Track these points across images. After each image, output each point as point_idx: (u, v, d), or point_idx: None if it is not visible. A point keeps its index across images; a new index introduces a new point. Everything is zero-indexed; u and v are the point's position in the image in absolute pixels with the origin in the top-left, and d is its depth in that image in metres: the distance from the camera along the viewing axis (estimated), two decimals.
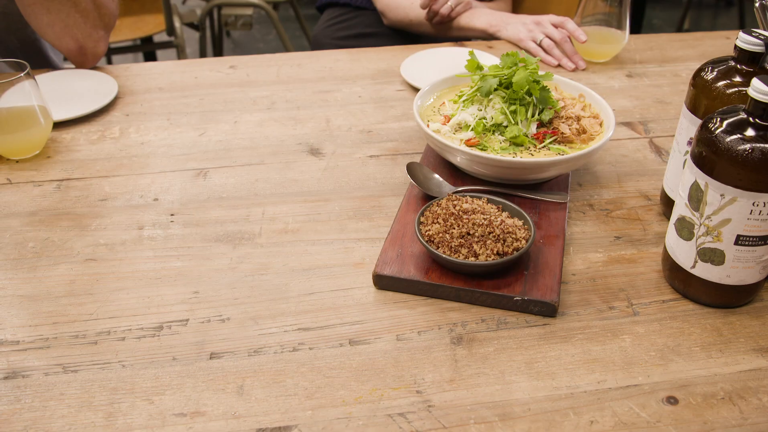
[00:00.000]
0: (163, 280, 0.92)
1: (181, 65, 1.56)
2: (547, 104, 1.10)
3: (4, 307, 0.88)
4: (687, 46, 1.65)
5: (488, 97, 1.11)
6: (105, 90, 1.39)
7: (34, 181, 1.13)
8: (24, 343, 0.83)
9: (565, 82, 1.20)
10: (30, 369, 0.79)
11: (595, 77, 1.50)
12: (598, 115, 1.14)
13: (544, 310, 0.86)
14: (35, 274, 0.93)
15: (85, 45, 1.43)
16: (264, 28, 4.58)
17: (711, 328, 0.85)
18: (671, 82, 1.47)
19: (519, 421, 0.74)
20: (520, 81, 1.08)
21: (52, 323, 0.86)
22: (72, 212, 1.05)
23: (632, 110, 1.36)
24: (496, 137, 1.08)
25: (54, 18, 1.36)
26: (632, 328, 0.85)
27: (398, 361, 0.80)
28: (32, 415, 0.74)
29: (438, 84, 1.22)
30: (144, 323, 0.85)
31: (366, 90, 1.43)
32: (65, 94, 1.37)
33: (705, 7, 5.08)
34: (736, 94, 0.90)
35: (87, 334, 0.84)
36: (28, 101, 1.16)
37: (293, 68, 1.53)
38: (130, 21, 2.87)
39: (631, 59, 1.58)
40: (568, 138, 1.09)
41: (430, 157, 1.15)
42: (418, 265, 0.91)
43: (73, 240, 1.00)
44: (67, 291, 0.91)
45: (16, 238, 1.00)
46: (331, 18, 2.02)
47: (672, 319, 0.87)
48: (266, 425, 0.73)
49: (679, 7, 4.42)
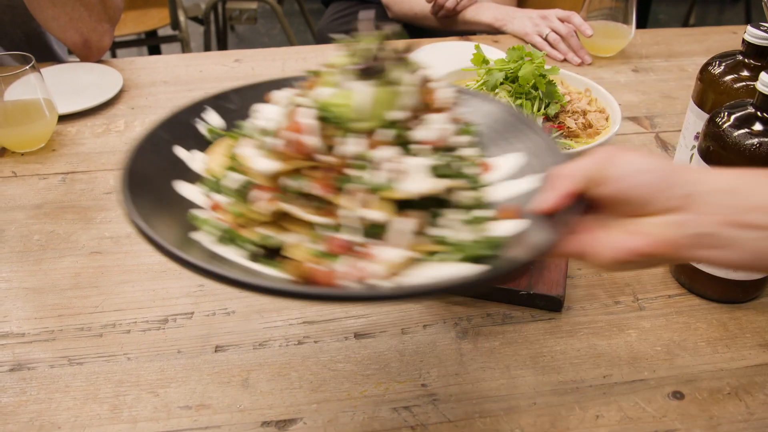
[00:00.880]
0: (168, 273, 0.92)
1: (186, 59, 1.56)
2: (553, 98, 1.10)
3: (9, 299, 0.88)
4: (693, 41, 1.64)
5: (494, 91, 1.11)
6: (110, 83, 1.38)
7: (39, 174, 1.13)
8: (29, 336, 0.83)
9: (571, 77, 1.20)
10: (35, 361, 0.80)
11: (601, 72, 1.50)
12: (604, 109, 1.13)
13: (550, 304, 0.86)
14: (40, 266, 0.94)
15: (89, 38, 1.42)
16: (268, 22, 4.58)
17: (717, 323, 0.85)
18: (678, 77, 1.47)
19: (524, 415, 0.73)
20: (527, 75, 1.07)
21: (57, 316, 0.86)
22: (77, 205, 1.06)
23: (638, 105, 1.36)
24: None
25: (59, 11, 1.36)
26: (638, 323, 0.85)
27: (403, 354, 0.80)
28: (38, 407, 0.74)
29: (443, 78, 1.21)
30: (149, 316, 0.85)
31: None
32: (70, 88, 1.37)
33: (711, 2, 5.06)
34: (743, 88, 0.90)
35: (92, 326, 0.84)
36: (34, 94, 1.16)
37: (298, 62, 1.53)
38: (135, 15, 2.87)
39: (637, 54, 1.58)
40: (574, 132, 1.08)
41: None
42: None
43: (78, 233, 1.00)
44: (72, 284, 0.91)
45: (21, 231, 1.00)
46: (337, 12, 2.02)
47: (678, 314, 0.86)
48: (271, 418, 0.73)
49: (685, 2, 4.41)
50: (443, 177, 0.58)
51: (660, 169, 0.54)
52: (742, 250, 0.52)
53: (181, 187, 0.64)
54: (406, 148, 0.58)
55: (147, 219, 0.55)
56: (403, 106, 0.59)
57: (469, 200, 0.60)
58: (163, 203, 0.61)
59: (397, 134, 0.58)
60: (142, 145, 0.64)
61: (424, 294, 0.52)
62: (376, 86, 0.59)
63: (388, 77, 0.59)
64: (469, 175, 0.61)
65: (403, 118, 0.58)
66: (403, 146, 0.58)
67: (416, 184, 0.56)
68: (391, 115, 0.58)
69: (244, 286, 0.51)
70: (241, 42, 4.36)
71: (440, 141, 0.59)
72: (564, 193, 0.56)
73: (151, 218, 0.56)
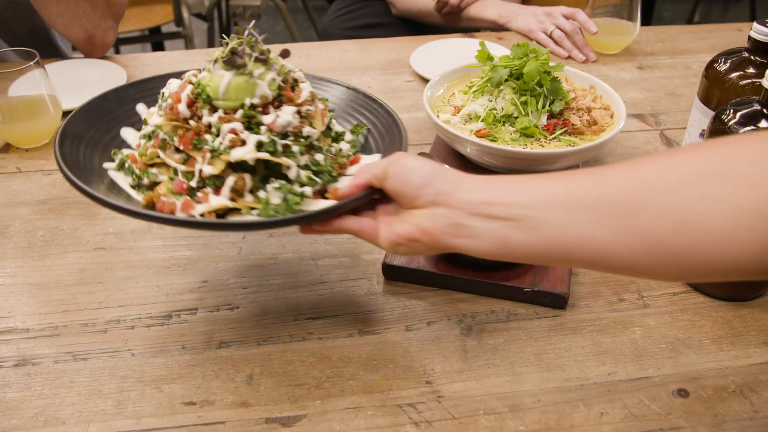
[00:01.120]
0: (173, 269, 0.92)
1: (191, 55, 1.56)
2: (557, 95, 1.10)
3: (14, 295, 0.88)
4: (698, 38, 1.64)
5: (499, 88, 1.11)
6: (114, 79, 1.38)
7: (43, 170, 1.13)
8: (34, 331, 0.83)
9: (576, 74, 1.20)
10: (40, 357, 0.80)
11: (606, 69, 1.49)
12: (609, 106, 1.13)
13: (554, 301, 0.86)
14: (45, 262, 0.94)
15: (94, 34, 1.42)
16: (272, 19, 4.57)
17: (722, 321, 0.85)
18: (682, 74, 1.46)
19: (529, 412, 0.73)
20: (531, 72, 1.07)
21: (61, 311, 0.86)
22: (81, 201, 1.05)
23: (643, 102, 1.35)
24: (506, 128, 1.08)
25: (63, 7, 1.36)
26: (643, 320, 0.85)
27: (408, 351, 0.80)
28: (42, 402, 0.74)
29: (448, 74, 1.21)
30: (153, 312, 0.85)
31: (375, 80, 1.43)
32: (74, 83, 1.37)
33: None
34: (749, 85, 0.90)
35: (97, 322, 0.84)
36: (38, 90, 1.16)
37: (302, 58, 1.52)
38: (139, 11, 2.87)
39: (642, 51, 1.57)
40: (578, 129, 1.08)
41: (440, 148, 1.15)
42: (428, 256, 0.90)
43: (82, 228, 1.00)
44: (76, 279, 0.91)
45: (25, 227, 1.00)
46: (341, 8, 2.02)
47: (683, 311, 0.86)
48: (276, 414, 0.73)
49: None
50: (268, 152, 0.74)
51: (426, 170, 0.66)
52: (484, 238, 0.62)
53: (125, 132, 0.88)
54: (253, 127, 0.76)
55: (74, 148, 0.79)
56: (256, 95, 0.76)
57: (299, 177, 0.76)
58: (103, 141, 0.85)
59: (245, 114, 0.76)
60: (118, 92, 0.91)
61: (207, 226, 0.75)
62: (236, 76, 0.76)
63: (247, 71, 0.77)
64: (317, 161, 0.79)
65: (256, 103, 0.76)
66: (251, 125, 0.76)
67: (239, 153, 0.74)
68: (246, 100, 0.76)
69: (98, 201, 0.69)
70: None
71: (276, 126, 0.76)
72: (358, 184, 0.70)
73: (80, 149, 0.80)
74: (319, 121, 0.82)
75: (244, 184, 0.75)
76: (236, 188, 0.75)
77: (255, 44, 0.79)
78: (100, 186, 0.76)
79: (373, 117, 0.91)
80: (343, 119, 0.93)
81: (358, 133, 0.90)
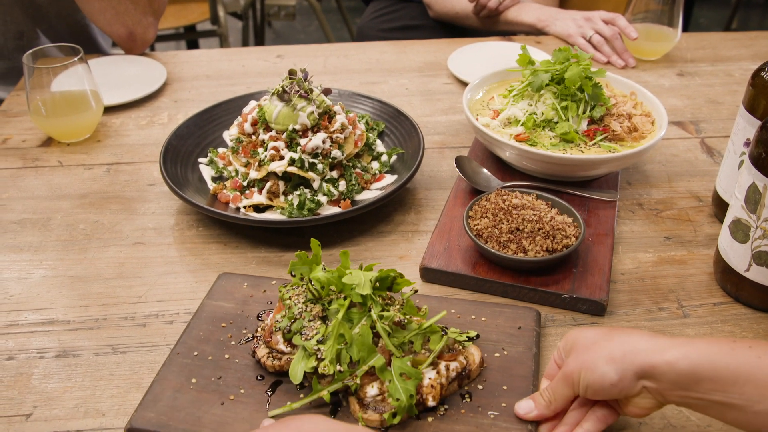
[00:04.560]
0: (211, 266, 0.93)
1: (228, 53, 1.57)
2: (599, 101, 1.09)
3: (55, 287, 0.89)
4: (740, 45, 1.61)
5: (539, 92, 1.10)
6: (154, 76, 1.40)
7: (84, 165, 1.14)
8: (75, 323, 0.84)
9: (616, 79, 1.19)
10: (81, 349, 0.81)
11: (645, 75, 1.48)
12: (650, 113, 1.12)
13: (593, 308, 0.85)
14: (86, 255, 0.95)
15: (135, 31, 1.44)
16: (305, 19, 4.59)
17: (764, 333, 0.83)
18: (724, 82, 1.44)
19: None
20: (573, 77, 1.06)
21: (102, 304, 0.87)
22: (121, 196, 1.07)
23: (683, 109, 1.34)
24: (546, 133, 1.07)
25: (106, 4, 1.38)
26: (682, 330, 0.84)
27: None
28: (83, 394, 0.75)
29: (487, 78, 1.21)
30: (192, 308, 0.86)
31: (413, 82, 1.43)
32: (115, 79, 1.39)
33: (753, 6, 4.97)
34: None
35: (136, 316, 0.85)
36: (81, 86, 1.17)
37: (340, 59, 1.53)
38: (175, 9, 2.89)
39: (682, 58, 1.55)
40: (619, 135, 1.07)
41: (478, 152, 1.14)
42: (466, 260, 0.90)
43: (122, 223, 1.01)
44: (116, 273, 0.92)
45: (67, 220, 1.01)
46: (377, 9, 2.02)
47: (723, 322, 0.85)
48: None
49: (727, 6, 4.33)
50: (297, 167, 0.98)
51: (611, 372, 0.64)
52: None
53: (225, 134, 1.15)
54: (293, 146, 0.99)
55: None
56: (298, 122, 1.00)
57: (322, 188, 0.99)
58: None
59: (288, 136, 1.00)
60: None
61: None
62: (285, 107, 1.00)
63: (292, 104, 1.00)
64: (349, 176, 1.03)
65: (298, 128, 1.00)
66: (292, 145, 0.99)
67: (274, 165, 0.98)
68: (290, 125, 1.00)
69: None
70: (278, 38, 4.38)
71: (306, 148, 0.98)
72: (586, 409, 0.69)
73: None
74: (350, 145, 1.03)
75: (277, 188, 1.00)
76: (271, 190, 0.99)
77: (302, 83, 1.01)
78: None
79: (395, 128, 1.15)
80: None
81: (391, 155, 1.10)
